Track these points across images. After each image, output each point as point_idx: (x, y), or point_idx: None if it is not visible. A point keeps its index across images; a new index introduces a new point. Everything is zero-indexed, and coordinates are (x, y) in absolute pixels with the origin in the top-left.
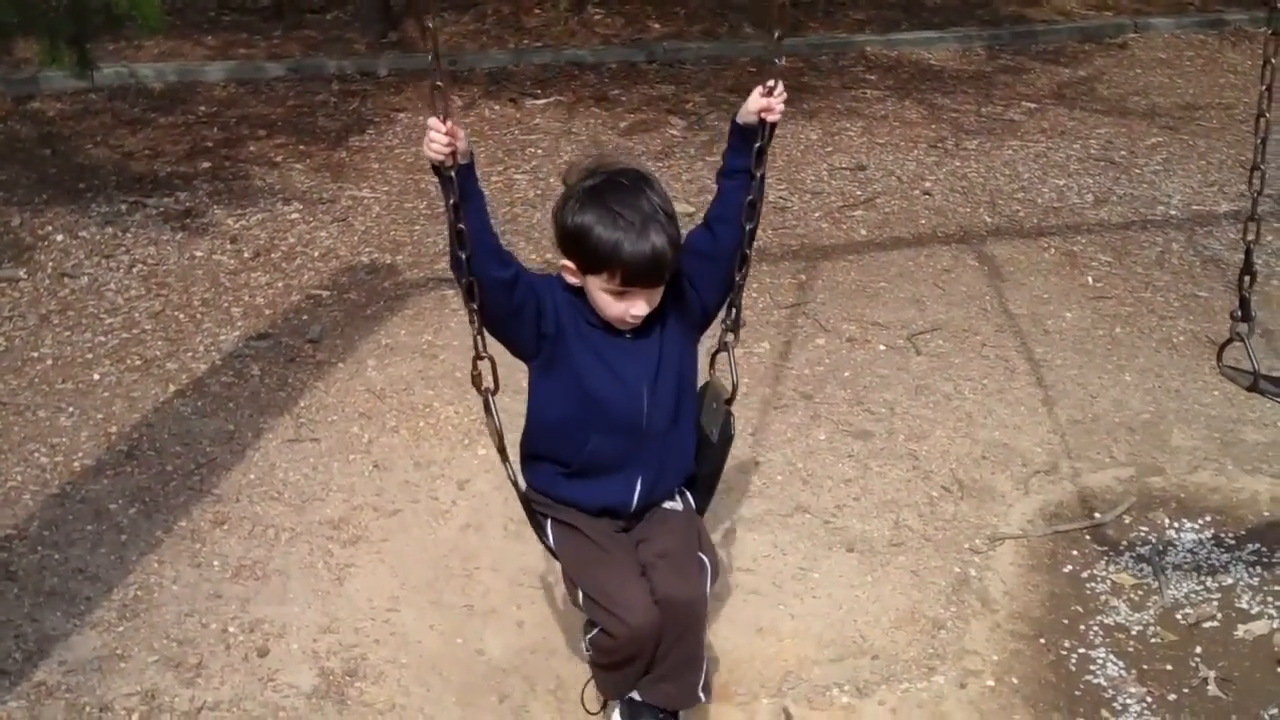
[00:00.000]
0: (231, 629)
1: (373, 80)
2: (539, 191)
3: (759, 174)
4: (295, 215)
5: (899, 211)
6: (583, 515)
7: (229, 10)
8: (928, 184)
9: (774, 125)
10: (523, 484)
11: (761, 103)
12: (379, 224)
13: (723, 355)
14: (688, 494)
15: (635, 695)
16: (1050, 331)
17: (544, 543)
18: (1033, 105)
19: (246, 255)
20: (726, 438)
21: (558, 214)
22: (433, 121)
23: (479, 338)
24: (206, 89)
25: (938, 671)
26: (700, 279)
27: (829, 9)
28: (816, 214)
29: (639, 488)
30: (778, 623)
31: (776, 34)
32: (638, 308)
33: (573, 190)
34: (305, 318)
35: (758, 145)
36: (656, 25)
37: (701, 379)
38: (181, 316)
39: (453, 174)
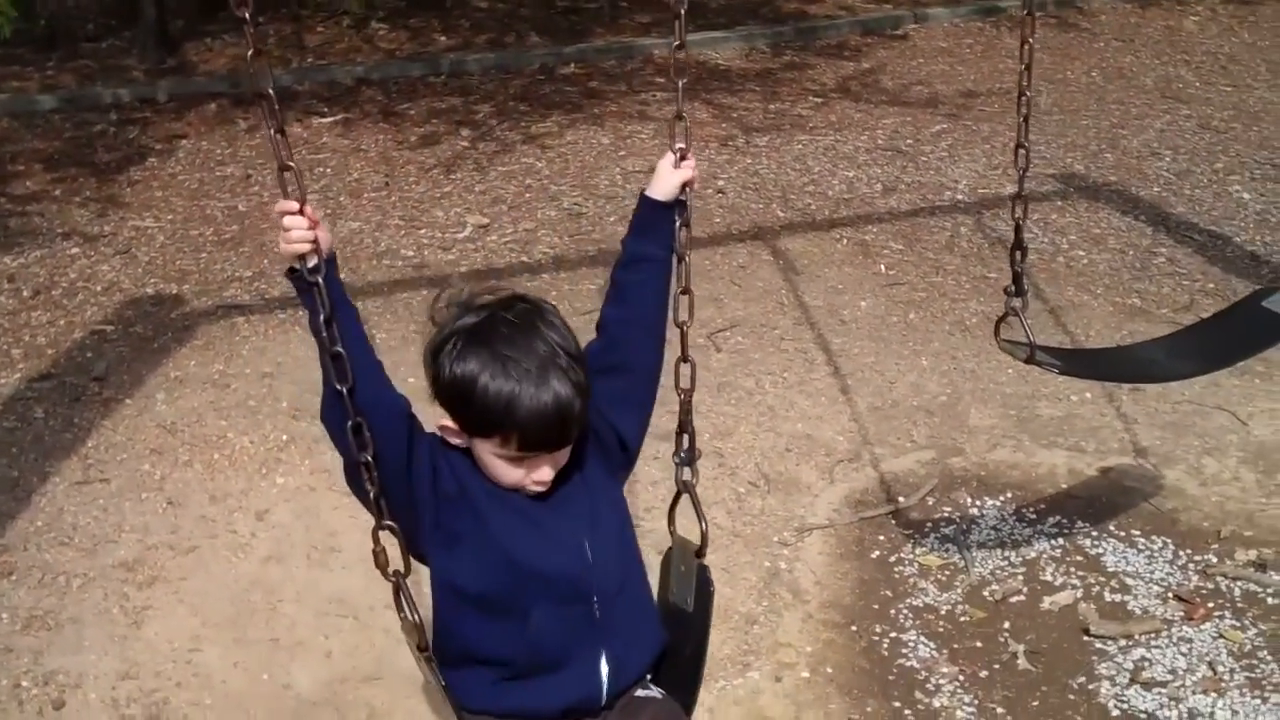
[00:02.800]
0: (24, 683)
1: (152, 107)
2: (328, 210)
3: (686, 256)
4: (75, 250)
5: (694, 211)
6: None
7: (4, 41)
8: (720, 182)
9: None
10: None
11: (683, 174)
12: (163, 254)
13: (680, 498)
14: (659, 689)
15: None
16: (846, 321)
17: None
18: (819, 100)
19: (25, 294)
20: (705, 597)
21: (431, 360)
22: (285, 205)
23: (382, 500)
24: None
25: (752, 667)
26: (608, 403)
27: (614, 14)
28: (612, 218)
29: (605, 668)
30: None
31: (680, 83)
32: (541, 474)
33: (448, 330)
34: (90, 355)
35: (681, 220)
36: (442, 38)
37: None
38: None
39: (320, 277)
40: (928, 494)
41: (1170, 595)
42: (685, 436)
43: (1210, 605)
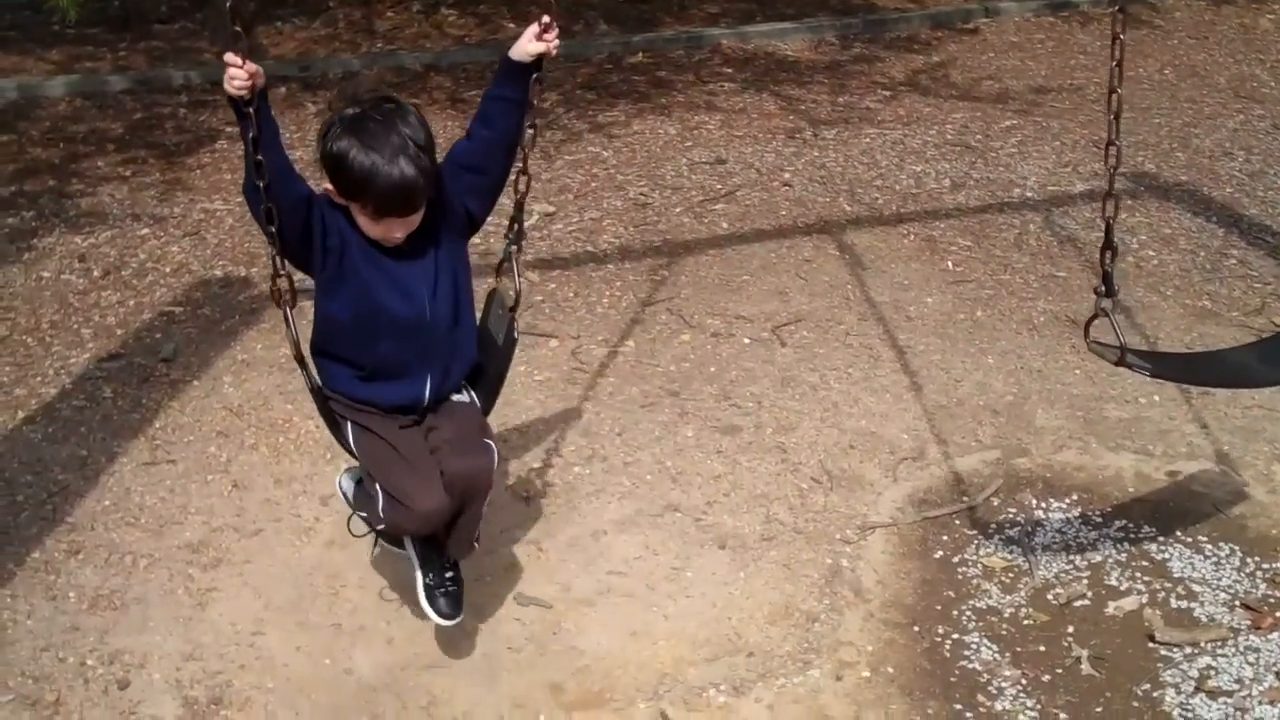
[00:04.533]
0: (90, 662)
1: (222, 90)
2: None
3: (535, 102)
4: (145, 231)
5: (759, 204)
6: (378, 416)
7: (71, 24)
8: (787, 175)
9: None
10: (319, 382)
11: (539, 46)
12: (232, 236)
13: (506, 265)
14: (473, 392)
15: None
16: (912, 318)
17: (342, 443)
18: (887, 93)
19: (96, 274)
20: (510, 341)
21: (320, 138)
22: (230, 57)
23: (278, 258)
24: (49, 104)
25: (813, 665)
26: (465, 190)
27: (682, 3)
28: (678, 209)
29: (429, 384)
30: (652, 625)
31: None
32: (396, 231)
33: (333, 117)
34: (158, 336)
35: (536, 76)
36: (510, 25)
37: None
38: (29, 340)
39: (251, 109)
40: (992, 494)
41: (1237, 603)
42: (516, 224)
43: (1278, 614)
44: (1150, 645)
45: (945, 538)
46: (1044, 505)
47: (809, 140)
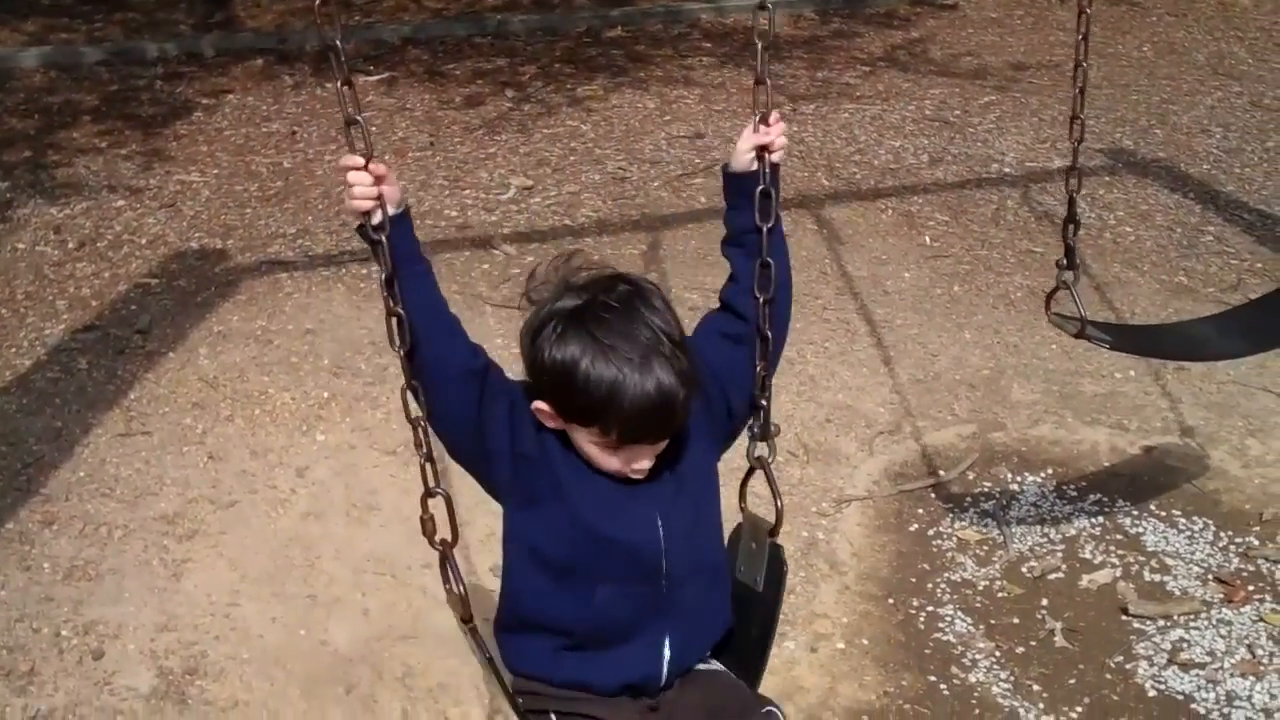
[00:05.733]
0: (65, 632)
1: (198, 62)
2: None
3: (767, 227)
4: (121, 202)
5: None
6: (597, 700)
7: None
8: None
9: (777, 165)
10: (508, 674)
11: (756, 139)
12: (208, 208)
13: (757, 472)
14: (723, 664)
15: None
16: (889, 292)
17: None
18: (866, 69)
19: (71, 246)
20: (777, 577)
21: (529, 343)
22: (350, 160)
23: (428, 466)
24: (23, 75)
25: (788, 637)
26: (726, 374)
27: None
28: (656, 183)
29: (668, 652)
30: None
31: (761, 46)
32: (640, 462)
33: (546, 312)
34: (134, 307)
35: (760, 189)
36: None
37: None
38: (4, 311)
39: (384, 235)
40: (968, 468)
41: (1210, 577)
42: (761, 409)
43: (1250, 588)
44: (1123, 618)
45: (921, 511)
46: (1019, 479)
47: (787, 115)
